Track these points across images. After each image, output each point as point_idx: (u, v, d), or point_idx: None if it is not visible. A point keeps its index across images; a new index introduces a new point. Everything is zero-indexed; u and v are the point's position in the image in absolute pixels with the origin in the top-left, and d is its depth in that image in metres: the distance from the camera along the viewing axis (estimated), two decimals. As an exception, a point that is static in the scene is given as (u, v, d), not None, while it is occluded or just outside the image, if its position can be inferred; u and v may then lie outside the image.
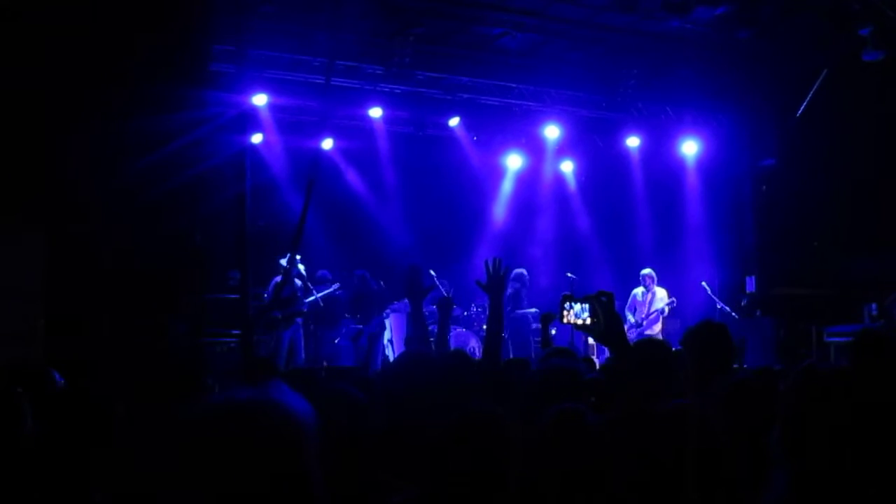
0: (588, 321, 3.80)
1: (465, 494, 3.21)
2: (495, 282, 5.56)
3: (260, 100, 13.48)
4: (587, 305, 3.83)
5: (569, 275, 14.87)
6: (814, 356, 12.16)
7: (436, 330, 6.19)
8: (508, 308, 14.65)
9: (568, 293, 4.05)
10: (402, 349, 13.98)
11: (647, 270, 14.91)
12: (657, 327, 14.64)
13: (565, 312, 3.92)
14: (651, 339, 13.76)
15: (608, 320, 3.71)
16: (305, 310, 13.59)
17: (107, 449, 3.53)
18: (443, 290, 14.77)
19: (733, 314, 14.71)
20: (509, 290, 14.93)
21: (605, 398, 4.37)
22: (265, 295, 13.27)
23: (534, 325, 14.78)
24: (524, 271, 15.25)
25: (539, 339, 10.91)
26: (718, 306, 14.85)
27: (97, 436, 3.52)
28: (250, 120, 13.58)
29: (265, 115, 14.08)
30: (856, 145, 13.84)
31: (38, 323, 8.44)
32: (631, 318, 14.83)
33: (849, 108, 13.88)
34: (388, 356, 14.34)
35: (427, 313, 14.06)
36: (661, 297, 14.72)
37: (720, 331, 4.75)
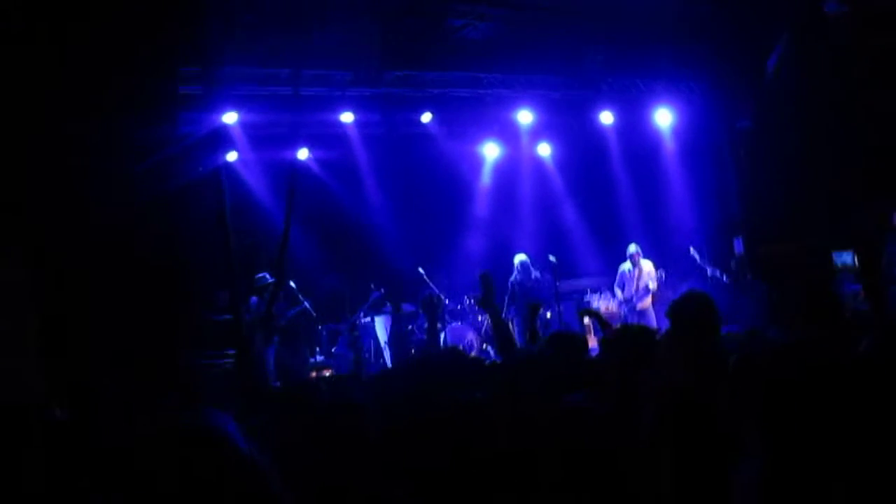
0: None
1: (456, 482, 3.23)
2: (484, 297, 5.58)
3: (230, 118, 13.44)
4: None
5: (550, 258, 14.84)
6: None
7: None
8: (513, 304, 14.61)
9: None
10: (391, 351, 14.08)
11: (632, 247, 14.94)
12: (647, 301, 14.66)
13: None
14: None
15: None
16: (283, 324, 13.51)
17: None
18: (434, 288, 14.77)
19: (724, 279, 14.75)
20: (513, 278, 14.89)
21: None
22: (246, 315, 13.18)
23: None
24: (523, 258, 15.11)
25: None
26: (709, 272, 14.89)
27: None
28: (223, 138, 13.54)
29: (238, 133, 14.04)
30: (828, 100, 13.87)
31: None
32: (619, 295, 14.87)
33: (819, 63, 13.91)
34: (385, 359, 14.34)
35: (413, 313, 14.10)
36: (649, 270, 14.75)
37: (704, 301, 4.74)
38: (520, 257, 15.06)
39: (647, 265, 14.84)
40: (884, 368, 2.07)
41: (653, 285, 14.66)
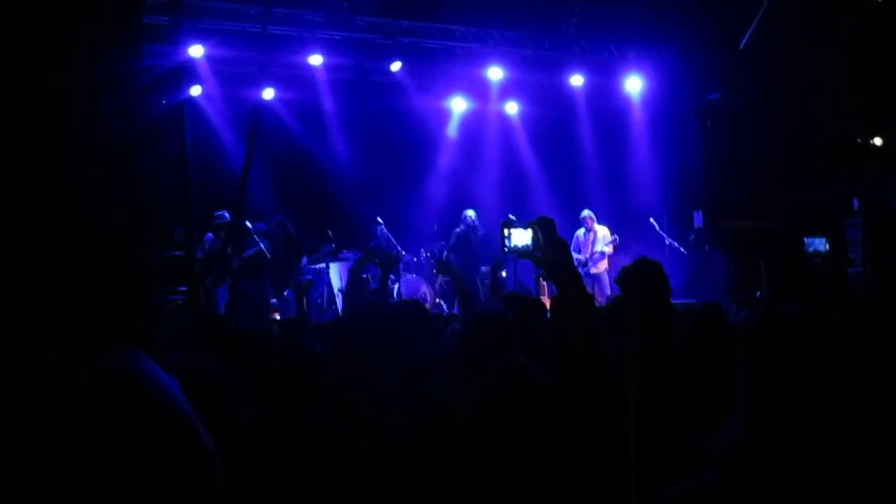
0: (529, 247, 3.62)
1: (417, 442, 3.19)
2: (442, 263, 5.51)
3: (197, 51, 13.21)
4: (529, 232, 3.65)
5: (510, 217, 14.77)
6: (762, 290, 12.28)
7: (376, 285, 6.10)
8: (454, 255, 14.61)
9: (507, 219, 3.86)
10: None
11: (586, 212, 14.94)
12: (602, 265, 14.71)
13: (505, 240, 3.74)
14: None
15: (550, 247, 3.53)
16: (235, 264, 13.34)
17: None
18: (391, 237, 14.69)
19: (682, 249, 14.81)
20: (459, 229, 14.84)
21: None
22: (199, 252, 12.99)
23: (483, 269, 14.71)
24: (471, 213, 15.05)
25: (489, 282, 10.84)
26: (667, 242, 14.94)
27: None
28: (188, 72, 13.31)
29: (203, 67, 13.81)
30: (799, 77, 13.90)
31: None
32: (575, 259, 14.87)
33: (791, 39, 13.92)
34: (337, 306, 14.24)
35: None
36: (604, 235, 14.78)
37: (655, 268, 4.69)
38: (469, 212, 15.01)
39: (602, 230, 14.86)
40: (859, 337, 2.06)
41: (608, 249, 14.70)
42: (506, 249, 3.69)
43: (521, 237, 3.62)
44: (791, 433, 1.98)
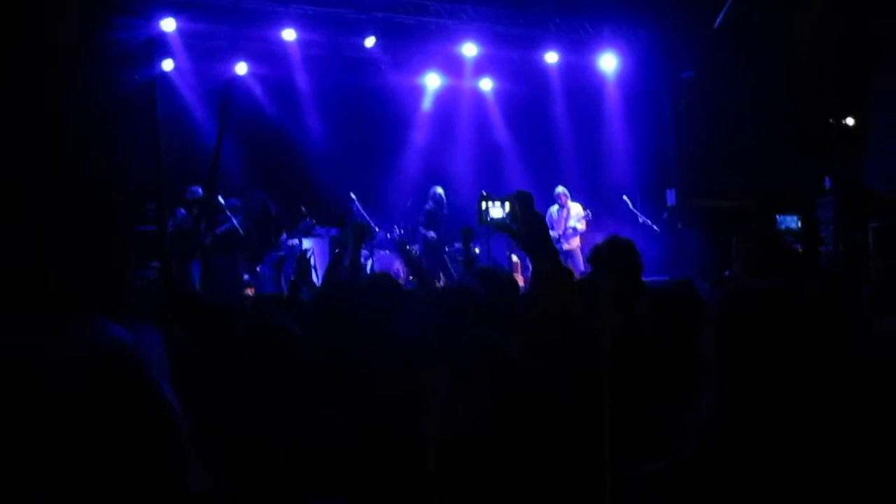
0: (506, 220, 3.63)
1: (392, 421, 3.19)
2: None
3: (169, 25, 13.10)
4: (506, 206, 3.66)
5: (484, 193, 14.71)
6: (733, 267, 12.33)
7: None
8: (423, 223, 14.64)
9: (485, 193, 3.86)
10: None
11: (560, 188, 14.99)
12: (575, 242, 14.77)
13: (483, 213, 3.74)
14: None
15: (527, 220, 3.53)
16: (207, 242, 13.26)
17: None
18: (364, 213, 14.65)
19: (654, 227, 14.87)
20: (428, 206, 14.86)
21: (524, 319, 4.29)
22: (169, 227, 12.90)
23: (456, 245, 14.74)
24: (439, 190, 15.06)
25: (462, 258, 10.80)
26: (640, 220, 14.99)
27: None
28: (159, 46, 13.22)
29: (175, 41, 13.69)
30: (772, 56, 13.95)
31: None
32: (548, 235, 14.89)
33: (765, 19, 13.95)
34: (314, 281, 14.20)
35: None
36: (577, 212, 14.85)
37: (627, 246, 4.71)
38: (437, 188, 15.02)
39: (575, 207, 14.93)
40: (829, 315, 2.08)
41: (581, 226, 14.77)
42: (483, 222, 3.69)
43: (497, 211, 3.63)
44: (762, 410, 1.99)
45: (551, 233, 14.54)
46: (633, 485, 2.20)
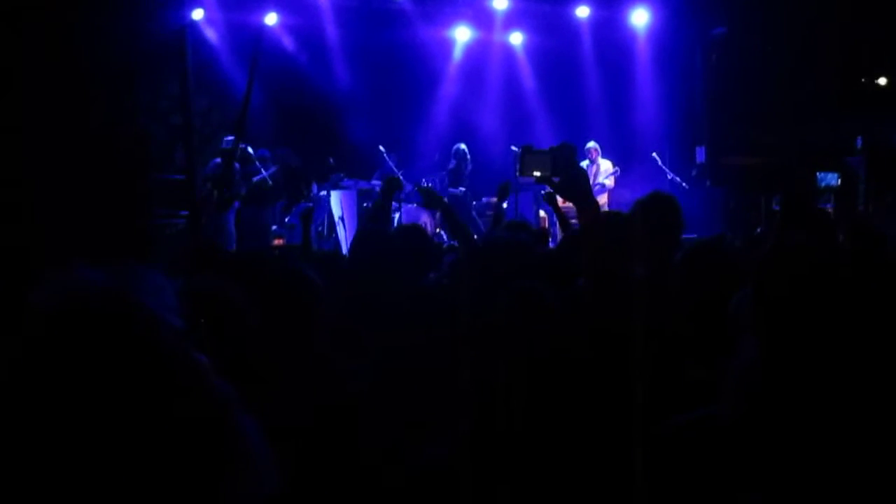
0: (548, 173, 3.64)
1: (418, 369, 3.19)
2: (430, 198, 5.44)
3: (200, -26, 13.09)
4: (548, 158, 3.66)
5: (513, 148, 14.69)
6: (763, 225, 12.28)
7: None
8: (448, 183, 14.65)
9: (527, 144, 3.86)
10: (354, 227, 13.93)
11: (591, 144, 14.91)
12: (603, 198, 14.69)
13: (524, 165, 3.74)
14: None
15: (571, 173, 3.55)
16: (244, 192, 13.32)
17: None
18: (392, 166, 14.64)
19: (683, 184, 14.78)
20: (451, 165, 14.86)
21: (561, 272, 4.29)
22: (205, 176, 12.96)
23: (484, 200, 14.72)
24: (462, 146, 15.03)
25: (491, 213, 10.78)
26: (669, 177, 14.90)
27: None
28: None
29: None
30: (805, 14, 13.80)
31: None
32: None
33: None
34: (338, 234, 14.24)
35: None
36: (606, 168, 14.79)
37: (670, 202, 4.69)
38: (460, 145, 14.99)
39: (605, 163, 14.86)
40: (866, 270, 2.07)
41: (609, 182, 14.71)
42: (524, 174, 3.70)
43: (538, 163, 3.63)
44: (802, 364, 1.99)
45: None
46: (664, 437, 2.21)
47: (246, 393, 1.42)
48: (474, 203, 14.82)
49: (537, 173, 3.68)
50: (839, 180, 9.51)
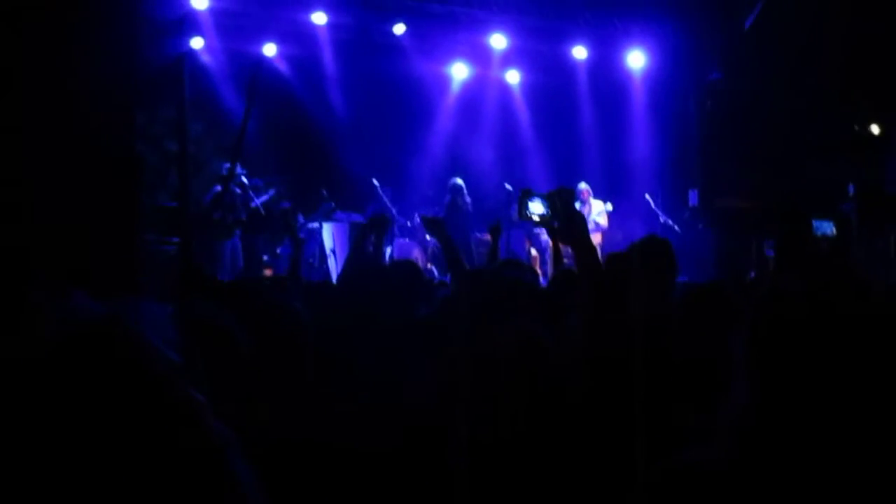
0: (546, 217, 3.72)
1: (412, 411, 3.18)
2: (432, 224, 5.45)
3: (200, 2, 13.12)
4: (546, 202, 3.74)
5: (507, 186, 14.72)
6: (755, 270, 12.30)
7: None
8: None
9: (526, 188, 3.94)
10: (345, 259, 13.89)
11: (583, 185, 14.94)
12: (596, 238, 14.71)
13: (523, 208, 3.82)
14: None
15: (569, 217, 3.61)
16: (244, 217, 13.32)
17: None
18: (386, 200, 14.66)
19: (675, 227, 14.82)
20: (446, 199, 14.86)
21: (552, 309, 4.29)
22: (205, 202, 13.00)
23: (477, 236, 14.71)
24: (458, 181, 15.05)
25: (485, 250, 10.80)
26: (661, 219, 14.94)
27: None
28: (190, 23, 13.24)
29: (206, 19, 13.71)
30: (800, 61, 13.92)
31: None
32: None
33: (795, 23, 13.92)
34: (328, 265, 14.22)
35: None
36: (598, 209, 14.81)
37: (665, 246, 4.72)
38: (456, 179, 15.01)
39: (597, 204, 14.90)
40: (862, 320, 2.07)
41: (602, 220, 14.74)
42: (524, 217, 3.76)
43: (538, 206, 3.69)
44: (796, 410, 1.99)
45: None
46: (657, 480, 2.19)
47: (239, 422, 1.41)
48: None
49: (536, 217, 3.75)
50: (834, 229, 9.55)
